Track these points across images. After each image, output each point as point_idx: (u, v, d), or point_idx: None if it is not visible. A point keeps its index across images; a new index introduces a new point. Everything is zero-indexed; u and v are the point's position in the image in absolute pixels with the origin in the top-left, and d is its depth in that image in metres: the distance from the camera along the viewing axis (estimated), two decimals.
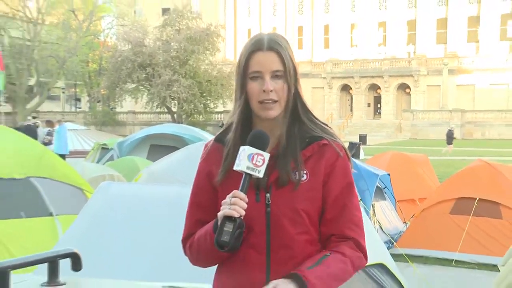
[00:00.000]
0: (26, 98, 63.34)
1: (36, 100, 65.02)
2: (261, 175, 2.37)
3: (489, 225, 11.83)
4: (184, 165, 8.68)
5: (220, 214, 2.32)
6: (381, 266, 8.22)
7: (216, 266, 2.59)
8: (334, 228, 2.49)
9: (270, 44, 2.48)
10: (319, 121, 2.58)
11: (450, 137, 41.03)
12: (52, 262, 3.74)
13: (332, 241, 2.48)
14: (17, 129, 19.88)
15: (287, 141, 2.48)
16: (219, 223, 2.33)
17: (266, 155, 2.38)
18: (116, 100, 67.46)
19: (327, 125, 2.59)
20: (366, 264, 2.61)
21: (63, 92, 79.70)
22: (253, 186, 2.43)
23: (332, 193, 2.49)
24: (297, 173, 2.45)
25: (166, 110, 62.41)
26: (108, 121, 68.93)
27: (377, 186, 13.19)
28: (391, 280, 8.44)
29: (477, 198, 11.98)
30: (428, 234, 12.22)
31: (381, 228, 12.38)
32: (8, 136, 9.57)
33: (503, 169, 12.68)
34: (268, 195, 2.45)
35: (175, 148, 14.06)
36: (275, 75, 2.46)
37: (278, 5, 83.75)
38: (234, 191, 2.33)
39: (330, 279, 2.38)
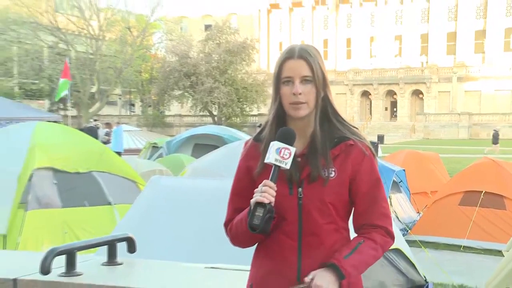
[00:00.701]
0: (89, 103, 63.86)
1: (97, 105, 65.55)
2: (287, 166, 2.38)
3: (494, 215, 11.77)
4: (223, 161, 8.70)
5: (252, 200, 2.36)
6: (397, 251, 8.18)
7: (253, 249, 2.60)
8: (366, 219, 2.51)
9: (300, 53, 2.49)
10: (347, 122, 2.57)
11: (496, 138, 40.32)
12: (111, 245, 3.79)
13: (365, 229, 2.50)
14: (81, 130, 20.08)
15: (317, 140, 2.48)
16: (251, 208, 2.35)
17: (293, 149, 2.39)
18: (165, 105, 68.01)
19: (354, 127, 2.58)
20: None
21: (120, 98, 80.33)
22: (287, 181, 2.44)
23: (361, 189, 2.49)
24: (326, 170, 2.45)
25: (208, 113, 62.64)
26: (157, 123, 69.40)
27: (393, 181, 13.18)
28: (406, 264, 8.39)
29: (483, 191, 11.95)
30: (439, 223, 12.19)
31: (397, 217, 12.29)
32: (73, 136, 9.72)
33: (506, 166, 12.59)
34: (300, 189, 2.45)
35: (216, 147, 14.08)
36: (304, 80, 2.46)
37: (306, 21, 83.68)
38: (265, 181, 2.36)
39: (363, 265, 2.43)
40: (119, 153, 19.81)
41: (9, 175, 7.97)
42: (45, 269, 3.38)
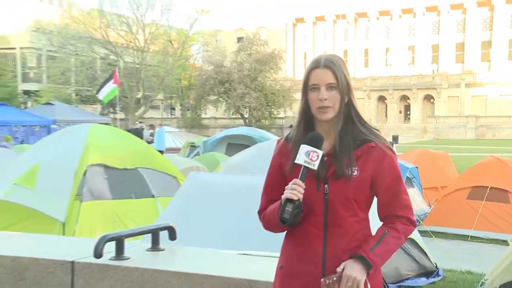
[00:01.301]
0: (135, 107, 64.38)
1: (142, 109, 66.09)
2: (315, 167, 2.39)
3: (499, 208, 11.66)
4: (254, 159, 8.72)
5: (283, 196, 2.38)
6: (411, 240, 8.14)
7: (282, 237, 2.61)
8: (389, 211, 2.53)
9: (326, 63, 2.49)
10: (368, 125, 2.58)
11: None
12: (155, 233, 3.83)
13: (389, 219, 2.52)
14: (128, 131, 20.19)
15: (342, 141, 2.49)
16: (282, 203, 2.37)
17: (320, 152, 2.40)
18: (201, 109, 68.45)
19: (375, 129, 2.59)
20: None
21: (162, 103, 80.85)
22: (315, 178, 2.45)
23: (383, 185, 2.50)
24: (349, 169, 2.45)
25: (239, 116, 62.67)
26: (195, 125, 69.60)
27: (407, 177, 13.12)
28: (418, 252, 8.35)
29: (489, 187, 11.83)
30: (448, 215, 12.08)
31: None
32: (121, 136, 9.80)
33: (511, 163, 12.43)
34: (326, 186, 2.46)
35: (247, 146, 14.08)
36: (329, 87, 2.47)
37: (328, 33, 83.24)
38: (294, 179, 2.38)
39: (387, 255, 2.47)
40: (161, 152, 19.90)
41: (67, 171, 8.06)
42: (97, 253, 3.44)
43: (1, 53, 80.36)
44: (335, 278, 2.36)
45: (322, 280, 2.37)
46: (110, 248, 3.54)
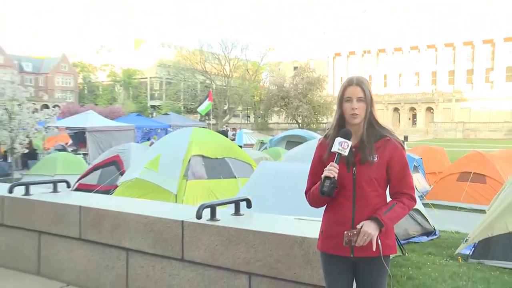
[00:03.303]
0: (222, 116, 65.21)
1: (227, 117, 66.82)
2: (346, 154, 2.37)
3: (479, 187, 11.44)
4: (305, 152, 8.61)
5: (322, 175, 2.36)
6: (416, 210, 7.93)
7: (323, 209, 2.56)
8: (397, 188, 2.46)
9: (357, 82, 2.46)
10: (384, 125, 2.52)
11: None
12: (236, 203, 3.84)
13: (397, 195, 2.46)
14: (218, 132, 20.49)
15: (365, 137, 2.44)
16: (322, 180, 2.36)
17: (349, 142, 2.38)
18: (268, 116, 68.32)
19: (389, 128, 2.54)
20: None
21: (241, 112, 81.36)
22: (346, 163, 2.41)
23: (395, 169, 2.44)
24: (371, 156, 2.40)
25: (295, 122, 62.31)
26: (263, 127, 69.69)
27: (414, 165, 12.95)
28: (422, 218, 8.13)
29: (472, 172, 11.64)
30: (443, 192, 11.83)
31: (416, 188, 11.92)
32: (213, 135, 9.87)
33: (488, 156, 12.18)
34: (354, 168, 2.41)
35: (300, 143, 13.97)
36: (359, 99, 2.43)
37: (357, 62, 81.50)
38: (331, 163, 2.37)
39: (395, 219, 2.40)
40: (240, 147, 20.11)
41: (178, 159, 8.16)
42: (198, 216, 3.49)
43: (139, 81, 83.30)
44: (355, 232, 2.31)
45: (345, 232, 2.32)
46: (206, 213, 3.58)
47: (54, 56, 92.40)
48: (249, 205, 3.83)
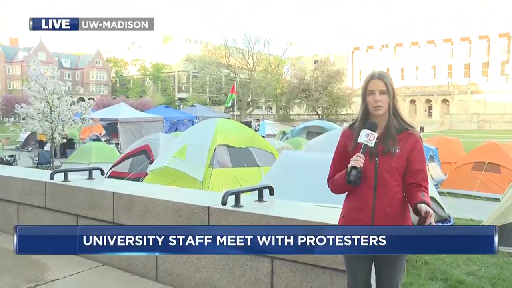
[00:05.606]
0: (246, 107, 65.15)
1: (250, 108, 66.80)
2: (372, 145, 2.37)
3: (493, 177, 11.22)
4: (325, 142, 8.56)
5: (349, 165, 2.36)
6: (432, 198, 7.75)
7: (342, 196, 2.54)
8: (415, 180, 2.42)
9: (379, 76, 2.46)
10: (406, 119, 2.50)
11: None
12: (260, 190, 3.84)
13: (414, 186, 2.41)
14: (242, 122, 20.51)
15: (388, 129, 2.44)
16: (349, 170, 2.36)
17: (375, 135, 2.38)
18: (290, 108, 67.92)
19: (410, 122, 2.51)
20: None
21: (264, 104, 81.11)
22: (369, 154, 2.40)
23: (414, 161, 2.43)
24: (393, 147, 2.40)
25: (315, 113, 61.85)
26: (285, 118, 69.13)
27: (430, 155, 12.69)
28: (437, 206, 8.00)
29: (487, 162, 11.44)
30: (458, 181, 11.63)
31: (432, 177, 11.73)
32: (238, 126, 9.88)
33: (502, 145, 11.95)
34: (377, 159, 2.41)
35: (320, 133, 13.89)
36: (381, 92, 2.42)
37: (376, 56, 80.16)
38: (358, 153, 2.36)
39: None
40: (263, 137, 20.10)
41: (204, 148, 8.18)
42: (223, 202, 3.50)
43: (167, 75, 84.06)
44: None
45: (424, 208, 2.22)
46: (231, 200, 3.59)
47: (90, 52, 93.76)
48: (271, 192, 3.83)
